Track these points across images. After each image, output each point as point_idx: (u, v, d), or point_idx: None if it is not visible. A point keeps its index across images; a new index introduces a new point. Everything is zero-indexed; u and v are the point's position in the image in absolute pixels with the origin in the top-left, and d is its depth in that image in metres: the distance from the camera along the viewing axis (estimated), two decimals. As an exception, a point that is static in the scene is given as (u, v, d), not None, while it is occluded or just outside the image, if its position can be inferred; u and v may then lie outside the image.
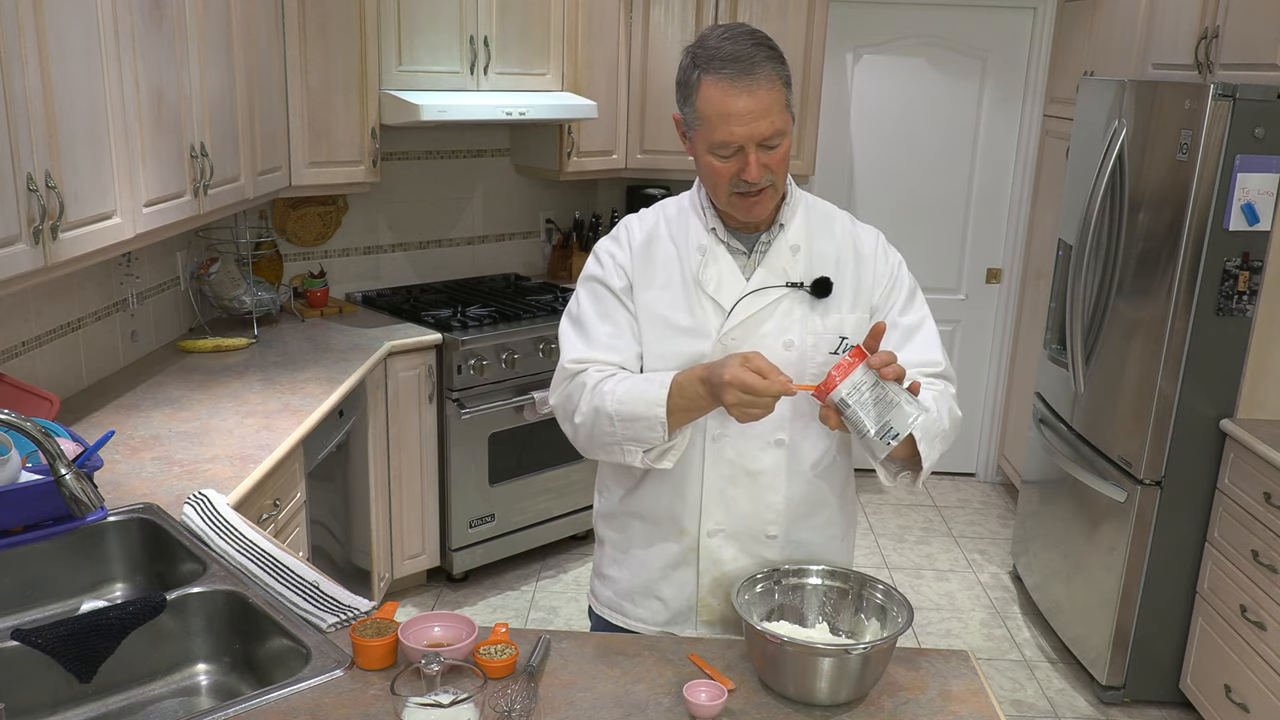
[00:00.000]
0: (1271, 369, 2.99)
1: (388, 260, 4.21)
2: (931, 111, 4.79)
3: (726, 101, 1.54)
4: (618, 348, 1.69)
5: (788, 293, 1.67)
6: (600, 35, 4.14)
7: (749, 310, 1.65)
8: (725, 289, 1.67)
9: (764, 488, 1.70)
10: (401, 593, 3.79)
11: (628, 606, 1.82)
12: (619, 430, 1.61)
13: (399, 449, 3.56)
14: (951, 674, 1.60)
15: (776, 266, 1.68)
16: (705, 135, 1.58)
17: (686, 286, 1.68)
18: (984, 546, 4.45)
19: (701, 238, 1.69)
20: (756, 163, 1.57)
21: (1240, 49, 3.05)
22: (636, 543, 1.78)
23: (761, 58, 1.55)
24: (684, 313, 1.67)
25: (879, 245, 1.76)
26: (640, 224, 1.76)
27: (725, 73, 1.54)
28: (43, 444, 1.50)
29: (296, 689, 1.48)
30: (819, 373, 1.64)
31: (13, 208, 1.84)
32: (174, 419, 2.63)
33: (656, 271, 1.70)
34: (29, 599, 1.85)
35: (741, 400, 1.48)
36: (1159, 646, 3.23)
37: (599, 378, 1.65)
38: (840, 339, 1.69)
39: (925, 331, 1.75)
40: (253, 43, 3.02)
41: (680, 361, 1.66)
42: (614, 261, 1.73)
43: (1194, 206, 2.90)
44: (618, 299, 1.71)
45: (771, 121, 1.55)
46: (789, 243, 1.69)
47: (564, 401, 1.70)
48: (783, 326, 1.67)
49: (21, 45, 1.84)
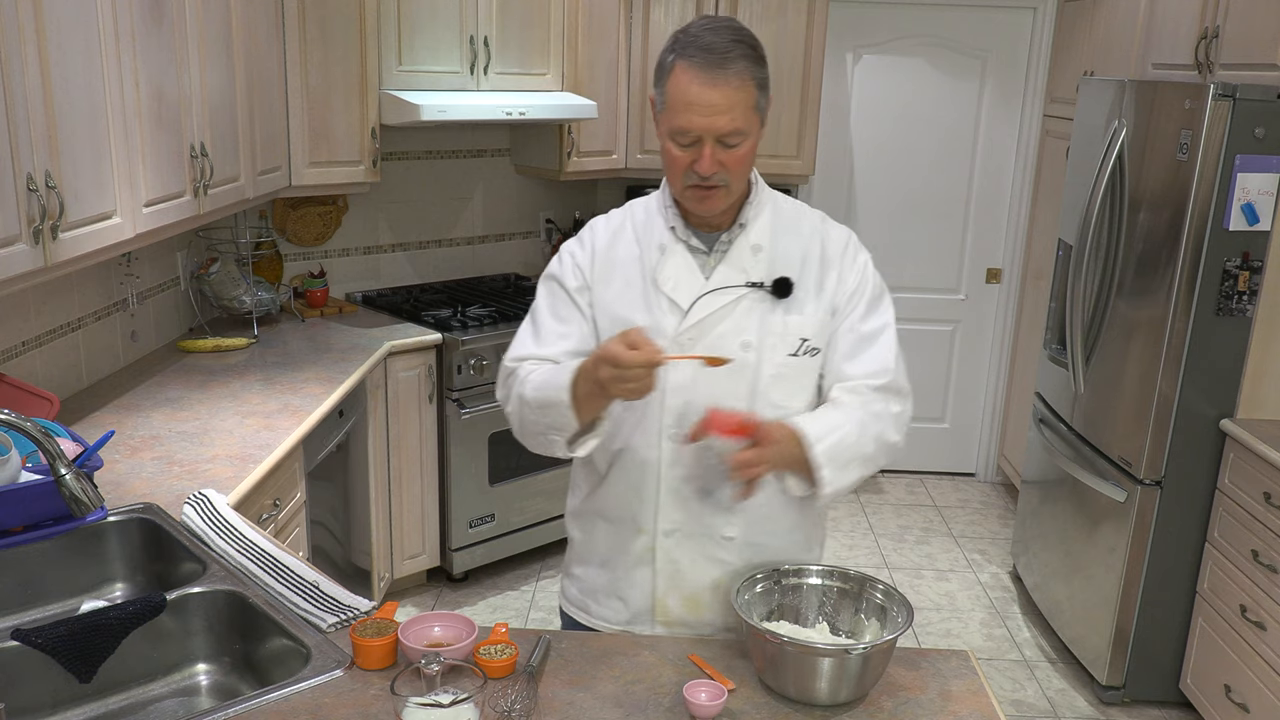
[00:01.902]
0: (1271, 369, 2.99)
1: (388, 260, 4.21)
2: (931, 111, 4.79)
3: (691, 89, 1.53)
4: (559, 345, 1.69)
5: (747, 293, 1.65)
6: (600, 35, 4.13)
7: (706, 310, 1.64)
8: (683, 288, 1.65)
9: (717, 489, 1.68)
10: (401, 593, 3.79)
11: (591, 605, 1.82)
12: (539, 418, 1.63)
13: (399, 449, 3.56)
14: (951, 674, 1.60)
15: (737, 266, 1.66)
16: (668, 119, 1.57)
17: (645, 285, 1.67)
18: (984, 546, 4.45)
19: (663, 236, 1.69)
20: (711, 157, 1.55)
21: (1240, 49, 3.05)
22: (600, 541, 1.79)
23: (737, 54, 1.53)
24: (641, 311, 1.66)
25: (848, 246, 1.73)
26: (606, 224, 1.76)
27: (696, 61, 1.53)
28: (43, 444, 1.50)
29: (296, 689, 1.48)
30: (778, 374, 1.64)
31: (13, 208, 1.84)
32: (174, 419, 2.63)
33: (617, 271, 1.70)
34: (29, 599, 1.85)
35: (611, 375, 1.46)
36: (1159, 646, 3.23)
37: (529, 369, 1.68)
38: (800, 340, 1.66)
39: (881, 342, 1.70)
40: (253, 43, 3.02)
41: None
42: (573, 260, 1.73)
43: (1194, 206, 2.90)
44: (570, 297, 1.71)
45: (732, 119, 1.54)
46: (750, 242, 1.67)
47: (504, 398, 1.74)
48: (741, 327, 1.65)
49: (21, 45, 1.84)
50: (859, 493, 4.95)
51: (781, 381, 1.66)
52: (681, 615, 1.74)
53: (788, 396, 1.67)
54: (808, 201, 5.42)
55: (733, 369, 1.62)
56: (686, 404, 1.64)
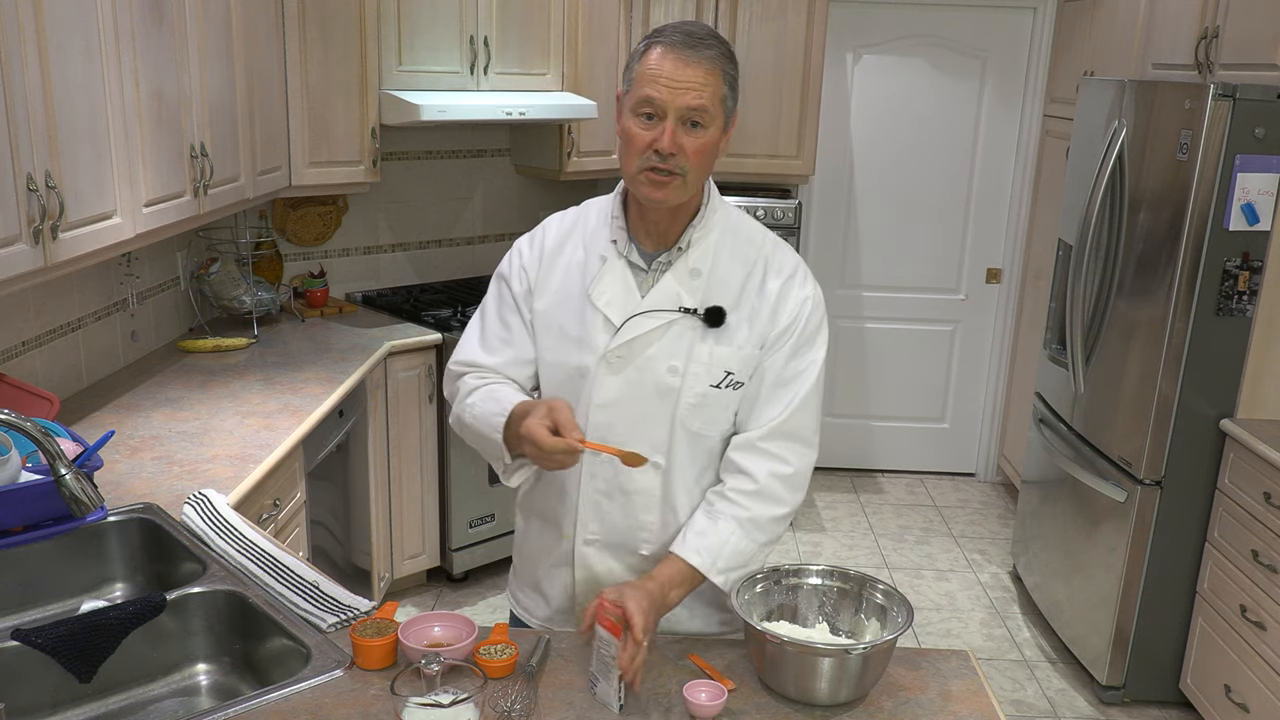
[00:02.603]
0: (1271, 369, 2.99)
1: (388, 260, 4.21)
2: (931, 111, 4.79)
3: (662, 63, 1.52)
4: (502, 352, 1.71)
5: (680, 317, 1.62)
6: (600, 35, 4.13)
7: (637, 330, 1.62)
8: (616, 305, 1.63)
9: (638, 507, 1.68)
10: (401, 593, 3.79)
11: (519, 595, 1.86)
12: (476, 443, 1.68)
13: (399, 449, 3.56)
14: (951, 674, 1.60)
15: (672, 289, 1.62)
16: (632, 96, 1.55)
17: (582, 296, 1.66)
18: (984, 546, 4.45)
19: (605, 247, 1.67)
20: (671, 134, 1.52)
21: (1240, 49, 3.05)
22: (530, 536, 1.82)
23: (712, 43, 1.54)
24: (575, 322, 1.66)
25: (793, 278, 1.66)
26: (559, 226, 1.73)
27: (671, 41, 1.53)
28: (43, 444, 1.50)
29: (296, 689, 1.48)
30: (698, 403, 1.62)
31: (13, 208, 1.84)
32: (174, 419, 2.63)
33: (558, 277, 1.68)
34: (29, 599, 1.85)
35: (534, 453, 1.50)
36: (1159, 646, 3.23)
37: (473, 385, 1.70)
38: (725, 373, 1.62)
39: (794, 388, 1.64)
40: (253, 43, 3.02)
41: (567, 372, 1.66)
42: (520, 261, 1.72)
43: (1194, 206, 2.90)
44: (515, 302, 1.71)
45: (699, 96, 1.52)
46: (689, 266, 1.63)
47: (450, 398, 1.77)
48: (670, 351, 1.62)
49: (21, 45, 1.84)
50: (859, 493, 4.95)
51: (701, 410, 1.64)
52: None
53: (706, 425, 1.66)
54: (808, 202, 5.41)
55: (658, 393, 1.62)
56: (609, 422, 1.64)
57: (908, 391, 5.10)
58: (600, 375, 1.63)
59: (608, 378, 1.63)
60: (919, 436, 5.18)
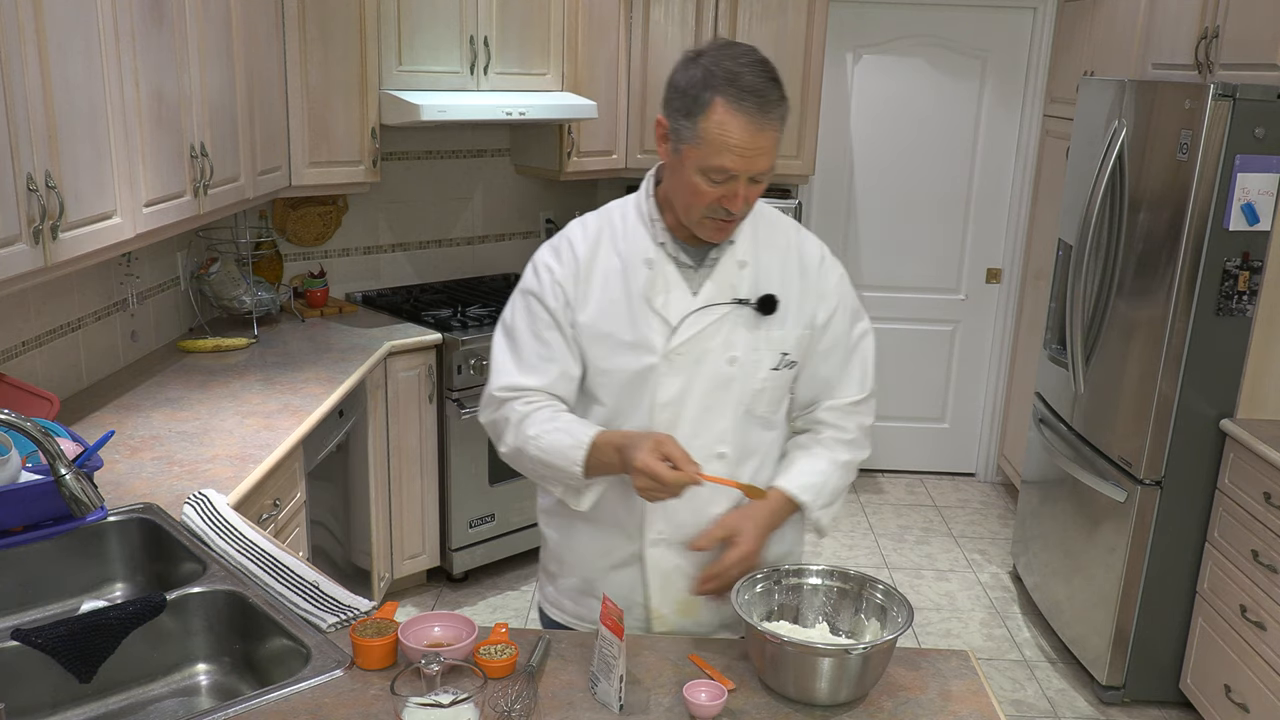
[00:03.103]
0: (1271, 369, 2.99)
1: (388, 260, 4.21)
2: (931, 111, 4.79)
3: (738, 134, 1.51)
4: (547, 371, 1.68)
5: (733, 309, 1.66)
6: (600, 35, 4.13)
7: (695, 327, 1.65)
8: (673, 305, 1.65)
9: (705, 501, 1.68)
10: (401, 593, 3.79)
11: (566, 604, 1.84)
12: (543, 471, 1.68)
13: (399, 449, 3.56)
14: (951, 674, 1.60)
15: (724, 282, 1.67)
16: (701, 156, 1.54)
17: (631, 301, 1.66)
18: (984, 546, 4.45)
19: (649, 251, 1.67)
20: (744, 196, 1.56)
21: (1240, 49, 3.05)
22: (580, 541, 1.79)
23: (776, 97, 1.53)
24: (628, 328, 1.66)
25: (824, 260, 1.75)
26: (584, 235, 1.71)
27: (746, 105, 1.50)
28: (43, 444, 1.50)
29: (296, 689, 1.48)
30: (761, 388, 1.69)
31: (13, 208, 1.84)
32: (174, 419, 2.63)
33: (598, 287, 1.67)
34: (29, 599, 1.85)
35: (649, 486, 1.51)
36: (1159, 646, 3.23)
37: (525, 412, 1.67)
38: (782, 355, 1.69)
39: (859, 356, 1.77)
40: (253, 43, 3.02)
41: (626, 377, 1.67)
42: (552, 277, 1.69)
43: (1194, 206, 2.90)
44: (552, 318, 1.68)
45: (768, 160, 1.55)
46: (737, 258, 1.68)
47: (491, 427, 1.75)
48: (728, 342, 1.66)
49: (21, 45, 1.84)
50: (859, 493, 4.95)
51: (764, 395, 1.70)
52: (679, 622, 1.76)
53: (770, 409, 1.72)
54: (808, 202, 5.42)
55: (720, 384, 1.66)
56: (673, 420, 1.66)
57: (908, 391, 5.10)
58: (662, 375, 1.65)
59: (669, 377, 1.65)
60: (919, 436, 5.18)
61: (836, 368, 1.75)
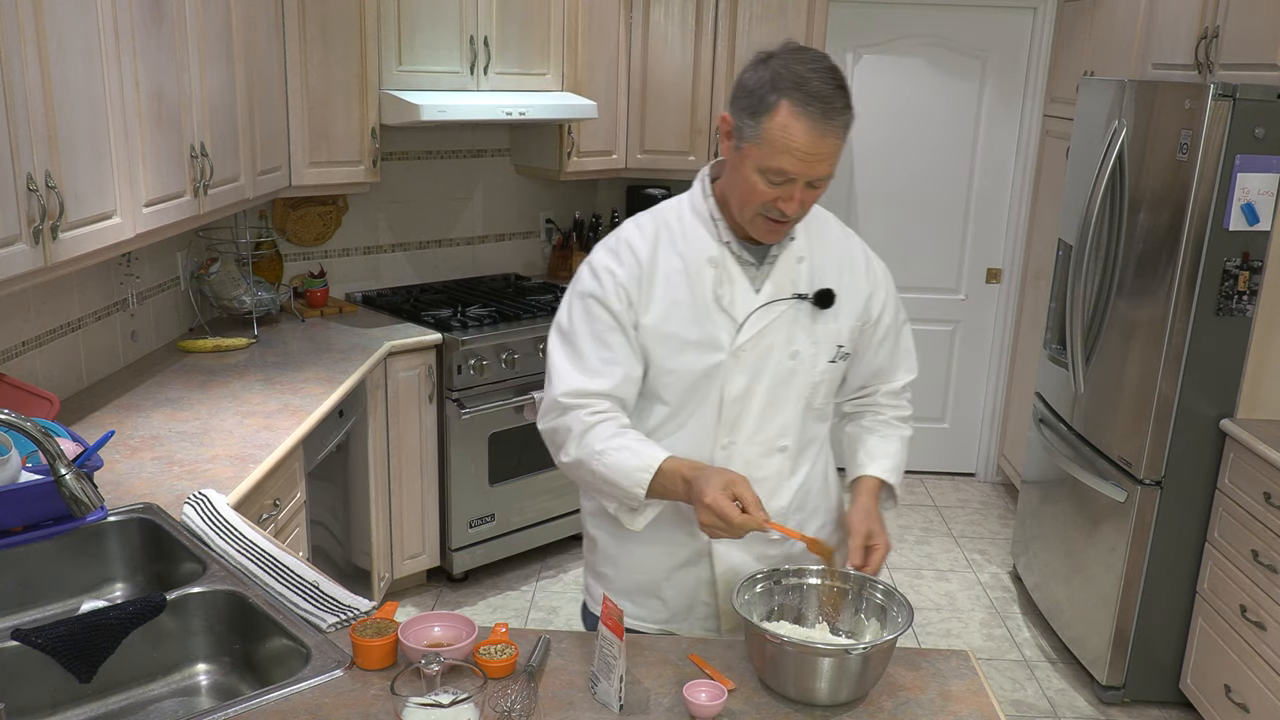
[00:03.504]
0: (1271, 369, 2.98)
1: (388, 260, 4.21)
2: (931, 111, 4.79)
3: (800, 137, 1.52)
4: (611, 374, 1.67)
5: (793, 303, 1.69)
6: (600, 35, 4.13)
7: (760, 323, 1.67)
8: (738, 302, 1.68)
9: (767, 494, 1.70)
10: (401, 593, 3.79)
11: (625, 605, 1.81)
12: (603, 488, 1.67)
13: (399, 449, 3.56)
14: (951, 674, 1.60)
15: (784, 278, 1.70)
16: (761, 157, 1.55)
17: (695, 300, 1.67)
18: (984, 546, 4.45)
19: (711, 250, 1.68)
20: (800, 200, 1.58)
21: (1240, 49, 3.05)
22: (637, 542, 1.77)
23: (842, 104, 1.54)
24: (693, 327, 1.67)
25: (868, 254, 1.83)
26: (642, 236, 1.70)
27: (811, 110, 1.51)
28: (43, 444, 1.50)
29: (296, 689, 1.48)
30: (819, 380, 1.74)
31: (13, 208, 1.84)
32: (174, 419, 2.63)
33: (660, 288, 1.68)
34: (29, 599, 1.85)
35: (715, 524, 1.52)
36: (1159, 646, 3.23)
37: (589, 423, 1.65)
38: (838, 348, 1.74)
39: (905, 342, 1.88)
40: (253, 43, 3.02)
41: (692, 377, 1.68)
42: (614, 280, 1.67)
43: (1194, 206, 2.90)
44: (615, 320, 1.67)
45: (829, 166, 1.57)
46: (796, 254, 1.71)
47: (552, 434, 1.72)
48: (789, 337, 1.70)
49: (21, 45, 1.84)
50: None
51: (822, 387, 1.75)
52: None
53: (825, 401, 1.79)
54: (808, 201, 5.34)
55: (783, 379, 1.70)
56: (739, 415, 1.70)
57: (908, 391, 5.09)
58: (730, 372, 1.68)
59: (736, 373, 1.68)
60: (919, 436, 5.08)
61: (888, 356, 1.84)
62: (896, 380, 1.88)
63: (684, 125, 4.35)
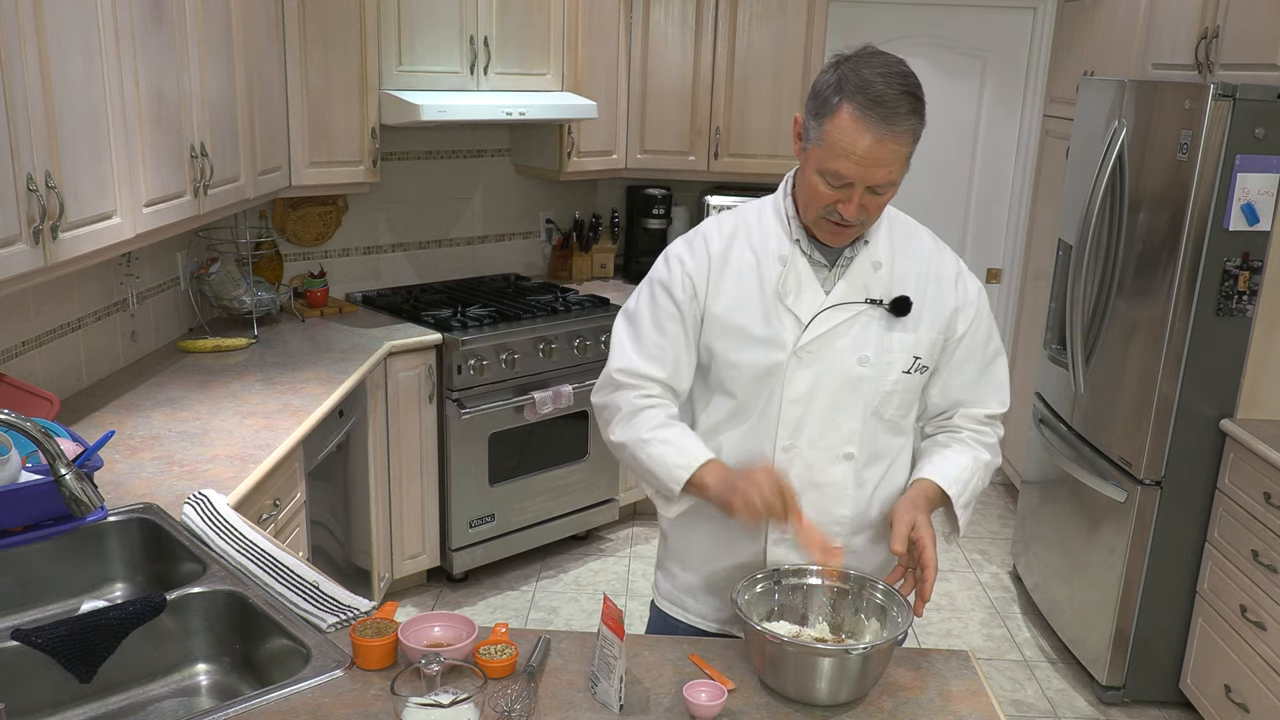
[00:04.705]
0: (1271, 369, 2.98)
1: (388, 260, 4.21)
2: (931, 111, 4.71)
3: (857, 140, 1.52)
4: (663, 361, 1.71)
5: (865, 309, 1.67)
6: (600, 35, 4.13)
7: (827, 325, 1.65)
8: (805, 302, 1.66)
9: (830, 500, 1.70)
10: (401, 593, 3.79)
11: (689, 602, 1.84)
12: (645, 476, 1.72)
13: (399, 449, 3.56)
14: (951, 674, 1.60)
15: (857, 282, 1.67)
16: (821, 158, 1.56)
17: (764, 296, 1.67)
18: (984, 546, 4.45)
19: (784, 248, 1.68)
20: (858, 203, 1.57)
21: (1240, 49, 3.05)
22: (702, 541, 1.79)
23: (906, 110, 1.52)
24: (760, 323, 1.67)
25: (960, 270, 1.76)
26: (719, 231, 1.74)
27: (870, 114, 1.51)
28: (43, 444, 1.50)
29: (296, 689, 1.48)
30: (892, 390, 1.69)
31: (13, 208, 1.84)
32: (174, 419, 2.63)
33: (732, 281, 1.69)
34: (29, 599, 1.85)
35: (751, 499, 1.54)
36: (1159, 646, 3.23)
37: (639, 406, 1.71)
38: (914, 358, 1.69)
39: (997, 368, 1.79)
40: (253, 43, 3.02)
41: (755, 372, 1.68)
42: (683, 269, 1.71)
43: (1194, 206, 2.90)
44: (677, 309, 1.71)
45: (888, 171, 1.54)
46: (872, 259, 1.68)
47: (602, 409, 1.77)
48: (859, 342, 1.67)
49: (21, 45, 1.84)
50: (859, 493, 4.94)
51: (894, 397, 1.70)
52: None
53: (900, 413, 1.73)
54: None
55: (849, 384, 1.67)
56: (801, 417, 1.67)
57: (908, 391, 5.09)
58: (791, 371, 1.66)
59: (798, 373, 1.66)
60: (919, 436, 5.17)
61: (972, 378, 1.76)
62: (979, 407, 1.78)
63: (684, 125, 4.36)
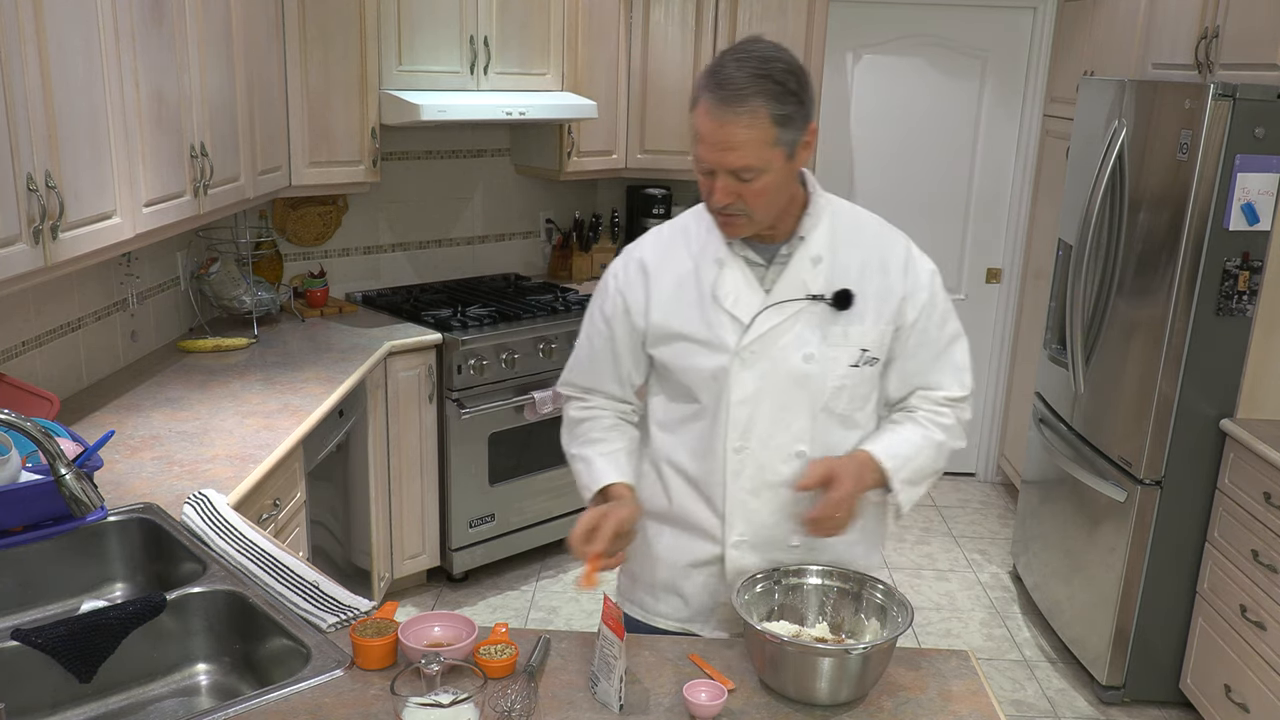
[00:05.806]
0: (1271, 369, 2.98)
1: (388, 260, 4.21)
2: (931, 111, 4.79)
3: (704, 124, 1.53)
4: (596, 374, 1.80)
5: (807, 305, 1.65)
6: (600, 35, 4.13)
7: (768, 324, 1.65)
8: (743, 302, 1.65)
9: (785, 500, 1.69)
10: (401, 593, 3.79)
11: (648, 601, 1.84)
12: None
13: (399, 449, 3.56)
14: (951, 674, 1.60)
15: (796, 279, 1.66)
16: (693, 148, 1.58)
17: (703, 301, 1.67)
18: (984, 546, 4.45)
19: (720, 250, 1.68)
20: (723, 189, 1.56)
21: (1240, 49, 3.05)
22: (661, 540, 1.80)
23: (753, 91, 1.48)
24: (701, 327, 1.67)
25: (910, 256, 1.74)
26: (656, 240, 1.76)
27: (711, 97, 1.51)
28: (43, 444, 1.50)
29: (296, 689, 1.48)
30: (840, 385, 1.67)
31: (13, 208, 1.84)
32: (174, 419, 2.63)
33: (670, 288, 1.70)
34: (29, 599, 1.85)
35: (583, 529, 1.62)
36: (1159, 646, 3.23)
37: (577, 419, 1.83)
38: (861, 351, 1.67)
39: (954, 352, 1.75)
40: (253, 43, 3.02)
41: (701, 377, 1.68)
42: (615, 284, 1.76)
43: (1194, 206, 2.90)
44: (606, 325, 1.76)
45: (741, 156, 1.51)
46: (810, 254, 1.67)
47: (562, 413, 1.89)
48: (802, 339, 1.65)
49: (21, 45, 1.84)
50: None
51: (844, 392, 1.68)
52: None
53: (852, 407, 1.71)
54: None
55: (795, 382, 1.66)
56: (750, 417, 1.67)
57: (908, 391, 5.09)
58: (736, 373, 1.66)
59: (743, 374, 1.66)
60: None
61: (926, 364, 1.72)
62: (940, 391, 1.74)
63: (684, 125, 4.35)
